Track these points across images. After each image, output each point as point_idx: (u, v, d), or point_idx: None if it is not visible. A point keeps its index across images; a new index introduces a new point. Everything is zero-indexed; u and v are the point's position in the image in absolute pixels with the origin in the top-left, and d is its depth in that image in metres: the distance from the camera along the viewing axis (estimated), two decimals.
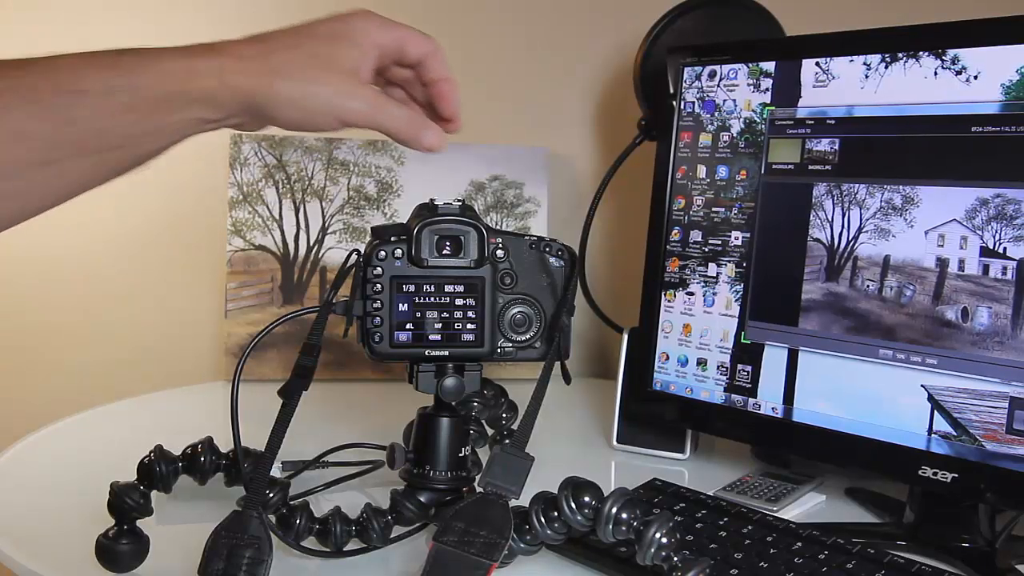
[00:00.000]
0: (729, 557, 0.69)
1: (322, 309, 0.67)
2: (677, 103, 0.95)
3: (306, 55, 0.58)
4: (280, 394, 0.65)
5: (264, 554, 0.61)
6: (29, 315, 1.46)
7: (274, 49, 0.58)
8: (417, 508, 0.71)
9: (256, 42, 0.59)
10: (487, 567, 0.58)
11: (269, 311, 1.28)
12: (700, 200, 0.93)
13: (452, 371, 0.71)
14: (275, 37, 0.59)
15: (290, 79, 0.57)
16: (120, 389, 1.23)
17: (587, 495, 0.61)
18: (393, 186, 1.31)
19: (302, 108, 0.58)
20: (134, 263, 1.42)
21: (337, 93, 0.59)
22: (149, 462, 0.72)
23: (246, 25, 0.62)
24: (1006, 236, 0.73)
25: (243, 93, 0.57)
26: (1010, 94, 0.73)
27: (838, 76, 0.83)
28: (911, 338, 0.77)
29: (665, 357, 0.95)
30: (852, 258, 0.82)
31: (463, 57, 1.39)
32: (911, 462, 0.77)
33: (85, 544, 0.70)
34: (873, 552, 0.70)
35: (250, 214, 1.29)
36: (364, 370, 1.28)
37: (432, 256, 0.69)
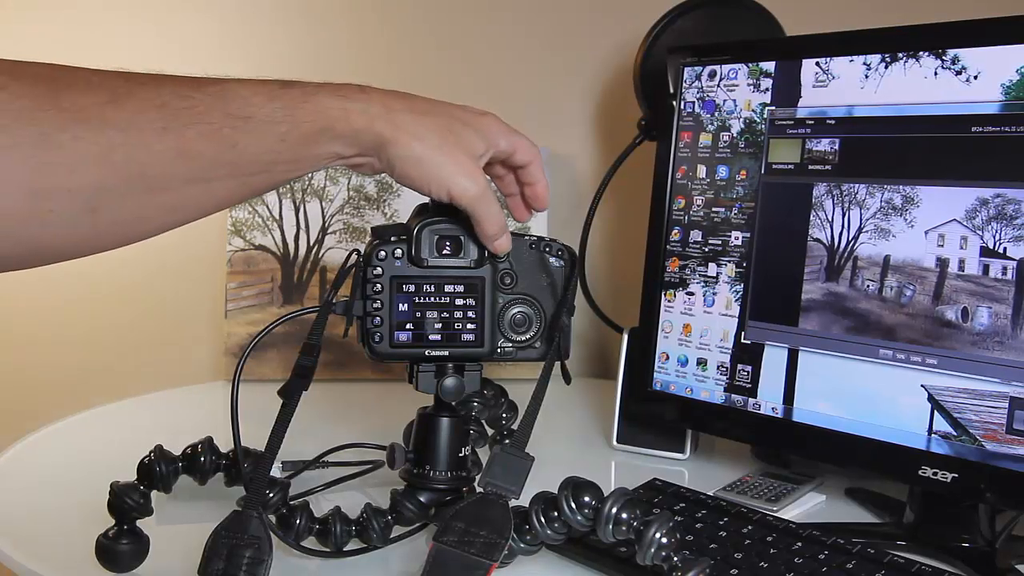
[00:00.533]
0: (729, 557, 0.69)
1: (322, 309, 0.67)
2: (677, 103, 0.95)
3: (444, 127, 0.64)
4: (280, 394, 0.65)
5: (264, 554, 0.61)
6: (29, 315, 1.46)
7: (418, 110, 0.64)
8: (417, 508, 0.71)
9: (403, 97, 0.64)
10: (487, 567, 0.58)
11: (269, 311, 1.28)
12: (700, 200, 0.93)
13: (452, 371, 0.71)
14: (419, 99, 0.65)
15: (423, 141, 0.63)
16: (120, 389, 1.23)
17: (587, 495, 0.61)
18: (393, 186, 1.31)
19: (422, 169, 0.63)
20: (134, 263, 1.42)
21: (458, 169, 0.64)
22: (149, 462, 0.72)
23: (245, 25, 0.62)
24: (1006, 236, 0.73)
25: (382, 140, 0.62)
26: (1010, 94, 0.73)
27: (838, 76, 0.83)
28: (911, 338, 0.77)
29: (665, 357, 0.95)
30: (852, 258, 0.82)
31: (463, 57, 1.40)
32: (911, 462, 0.77)
33: (85, 544, 0.70)
34: (873, 552, 0.70)
35: (250, 214, 1.29)
36: (364, 370, 1.28)
37: (432, 256, 0.69)
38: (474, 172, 0.65)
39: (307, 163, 0.62)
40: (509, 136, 0.69)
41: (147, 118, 0.54)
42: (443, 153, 0.63)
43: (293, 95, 0.59)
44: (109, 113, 0.53)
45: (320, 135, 0.60)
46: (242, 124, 0.57)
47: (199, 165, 0.57)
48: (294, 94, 0.59)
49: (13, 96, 0.50)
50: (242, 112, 0.57)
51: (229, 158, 0.57)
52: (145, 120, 0.54)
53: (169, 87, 0.56)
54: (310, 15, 1.40)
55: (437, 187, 0.64)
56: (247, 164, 0.59)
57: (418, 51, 1.38)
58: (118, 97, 0.53)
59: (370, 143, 0.62)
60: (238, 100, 0.57)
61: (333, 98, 0.60)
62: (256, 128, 0.58)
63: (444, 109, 0.66)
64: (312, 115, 0.59)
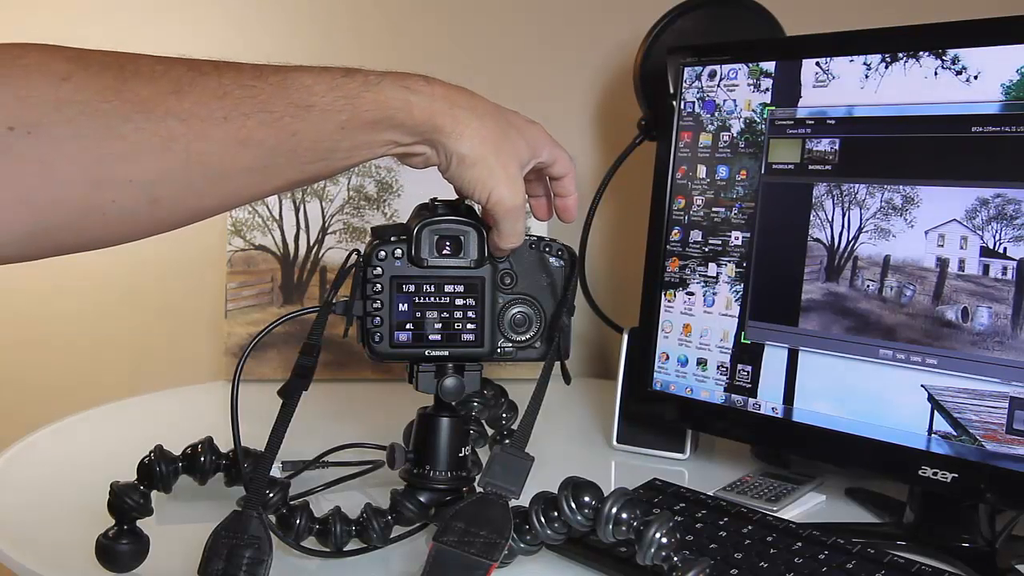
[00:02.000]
0: (729, 557, 0.69)
1: (322, 309, 0.67)
2: (677, 103, 0.95)
3: (501, 132, 0.65)
4: (280, 394, 0.65)
5: (264, 554, 0.61)
6: (29, 316, 1.46)
7: (481, 110, 0.64)
8: (417, 508, 0.71)
9: (466, 94, 0.64)
10: (487, 567, 0.58)
11: (269, 311, 1.28)
12: (700, 200, 0.93)
13: (452, 371, 0.71)
14: (480, 99, 0.65)
15: (483, 141, 0.63)
16: (120, 389, 1.23)
17: (587, 495, 0.61)
18: (393, 186, 1.31)
19: (475, 171, 0.64)
20: (134, 263, 1.42)
21: (506, 176, 0.64)
22: (149, 462, 0.72)
23: (244, 24, 0.62)
24: (1006, 236, 0.73)
25: (441, 133, 0.62)
26: (1010, 94, 0.73)
27: (838, 76, 0.83)
28: (911, 338, 0.77)
29: (665, 357, 0.95)
30: (852, 258, 0.82)
31: (463, 57, 1.40)
32: (911, 462, 0.77)
33: (85, 544, 0.70)
34: (873, 552, 0.70)
35: (250, 214, 1.29)
36: (364, 370, 1.28)
37: (432, 256, 0.69)
38: (518, 183, 0.65)
39: (365, 150, 0.61)
40: (552, 148, 0.70)
41: (209, 108, 0.54)
42: (497, 158, 0.64)
43: (355, 84, 0.59)
44: (172, 103, 0.53)
45: (381, 124, 0.60)
46: (303, 113, 0.57)
47: (259, 153, 0.57)
48: (356, 83, 0.59)
49: (78, 87, 0.50)
50: (304, 101, 0.57)
51: (289, 146, 0.57)
52: (207, 110, 0.54)
53: (231, 76, 0.55)
54: (309, 13, 1.40)
55: (481, 190, 0.64)
56: (306, 152, 0.58)
57: (418, 51, 1.38)
58: (181, 87, 0.53)
59: (430, 135, 0.62)
60: (300, 89, 0.57)
61: (396, 88, 0.60)
62: (317, 117, 0.58)
63: (501, 113, 0.66)
64: (373, 104, 0.59)
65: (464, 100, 0.63)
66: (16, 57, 0.50)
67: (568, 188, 0.73)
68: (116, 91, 0.52)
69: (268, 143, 0.56)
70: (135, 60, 0.53)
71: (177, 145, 0.53)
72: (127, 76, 0.52)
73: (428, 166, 0.65)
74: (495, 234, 0.68)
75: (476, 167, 0.63)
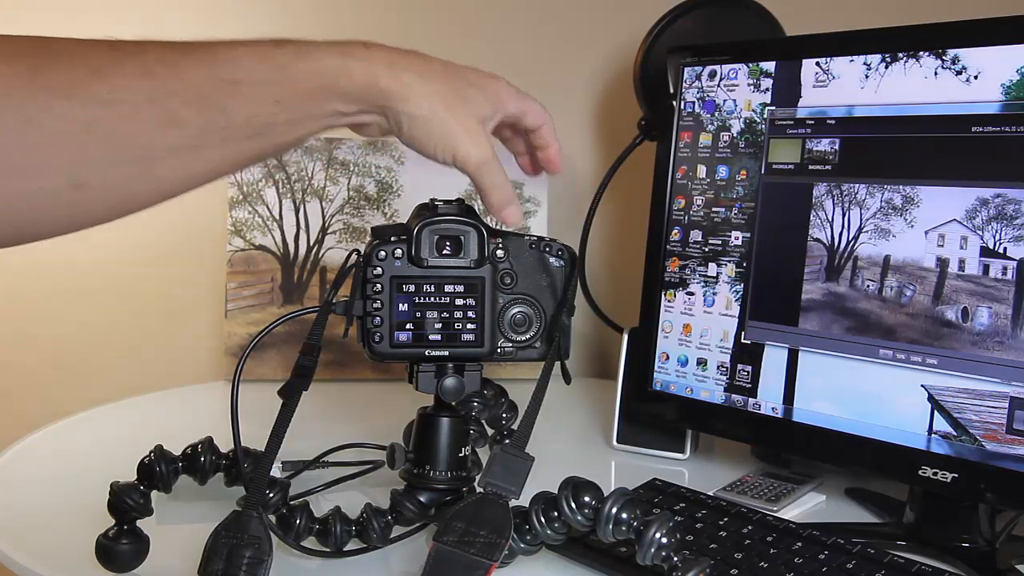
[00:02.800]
0: (729, 557, 0.69)
1: (322, 309, 0.67)
2: (677, 103, 0.95)
3: (451, 88, 0.62)
4: (280, 394, 0.65)
5: (264, 554, 0.61)
6: (29, 315, 1.46)
7: (425, 69, 0.62)
8: (417, 508, 0.71)
9: (409, 55, 0.62)
10: (487, 567, 0.58)
11: (269, 311, 1.28)
12: (700, 200, 0.93)
13: (452, 371, 0.71)
14: (426, 58, 0.63)
15: (431, 100, 0.61)
16: (120, 389, 1.23)
17: (587, 495, 0.61)
18: (393, 186, 1.31)
19: (428, 130, 0.62)
20: (134, 263, 1.42)
21: (465, 132, 0.63)
22: (149, 462, 0.72)
23: (243, 21, 0.62)
24: (1006, 236, 0.73)
25: (388, 96, 0.60)
26: (1010, 94, 0.73)
27: (838, 76, 0.83)
28: (911, 338, 0.77)
29: (665, 357, 0.95)
30: (852, 258, 0.82)
31: (463, 57, 1.39)
32: (911, 462, 0.77)
33: (85, 544, 0.70)
34: (873, 552, 0.70)
35: (250, 214, 1.29)
36: (364, 370, 1.28)
37: (432, 256, 0.69)
38: (480, 137, 0.63)
39: (307, 123, 0.59)
40: (519, 100, 0.68)
41: (132, 89, 0.52)
42: (451, 115, 0.62)
43: (286, 55, 0.57)
44: (92, 87, 0.51)
45: (318, 93, 0.58)
46: (232, 88, 0.55)
47: (188, 133, 0.55)
48: (287, 53, 0.57)
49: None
50: (231, 76, 0.55)
51: (220, 124, 0.55)
52: (129, 92, 0.52)
53: (154, 54, 0.54)
54: (307, 11, 1.40)
55: (443, 150, 0.63)
56: (240, 128, 0.56)
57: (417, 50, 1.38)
58: (101, 69, 0.52)
59: (375, 100, 0.60)
60: (227, 64, 0.55)
61: (332, 55, 0.58)
62: (247, 92, 0.55)
63: (453, 70, 0.64)
64: (308, 74, 0.57)
65: (407, 61, 0.61)
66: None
67: (546, 139, 0.70)
68: (31, 79, 0.50)
69: (196, 122, 0.54)
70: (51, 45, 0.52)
71: (100, 129, 0.52)
72: (42, 63, 0.51)
73: (384, 135, 0.64)
74: (482, 195, 0.66)
75: (430, 125, 0.61)
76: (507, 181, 0.66)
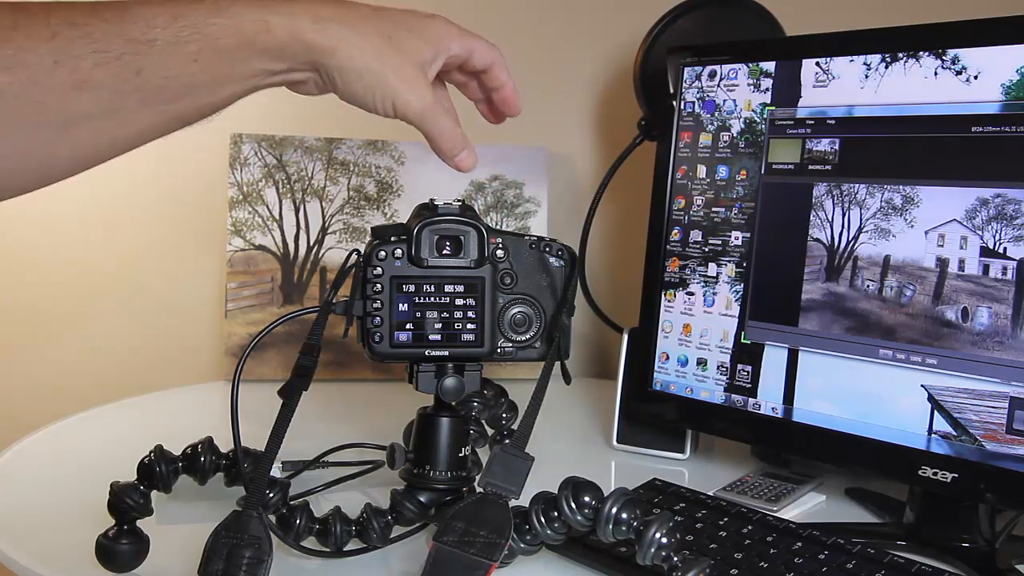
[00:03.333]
0: (729, 557, 0.69)
1: (322, 309, 0.67)
2: (677, 103, 0.95)
3: (383, 36, 0.59)
4: (280, 394, 0.65)
5: (264, 554, 0.61)
6: (29, 315, 1.46)
7: (354, 19, 0.59)
8: (417, 508, 0.71)
9: (335, 5, 0.59)
10: (487, 567, 0.58)
11: (269, 311, 1.28)
12: (700, 200, 0.93)
13: (452, 371, 0.71)
14: (354, 5, 0.60)
15: (362, 51, 0.59)
16: (120, 389, 1.23)
17: (587, 495, 0.61)
18: (393, 186, 1.31)
19: (363, 83, 0.59)
20: (134, 263, 1.42)
21: (402, 81, 0.60)
22: (149, 462, 0.72)
23: None
24: (1006, 236, 0.73)
25: (315, 51, 0.58)
26: (1010, 94, 0.73)
27: (838, 76, 0.83)
28: (911, 338, 0.77)
29: (665, 357, 0.95)
30: (852, 258, 0.82)
31: None
32: (911, 462, 0.77)
33: (85, 544, 0.70)
34: (873, 552, 0.70)
35: (250, 214, 1.29)
36: (364, 370, 1.28)
37: (432, 256, 0.69)
38: (420, 84, 0.61)
39: (232, 83, 0.57)
40: (462, 39, 0.65)
41: (37, 53, 0.50)
42: (385, 65, 0.59)
43: (202, 10, 0.54)
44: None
45: (239, 50, 0.56)
46: (145, 48, 0.52)
47: (102, 96, 0.53)
48: (202, 9, 0.54)
49: None
50: (143, 35, 0.52)
51: (135, 85, 0.53)
52: (34, 56, 0.50)
53: (61, 16, 0.51)
54: None
55: (382, 102, 0.60)
56: (158, 90, 0.54)
57: None
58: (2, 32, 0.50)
59: (303, 56, 0.58)
60: (138, 22, 0.53)
61: (250, 9, 0.55)
62: (161, 51, 0.53)
63: (385, 15, 0.61)
64: (226, 31, 0.55)
65: (332, 11, 0.58)
66: None
67: (499, 78, 0.67)
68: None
69: (109, 84, 0.52)
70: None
71: (7, 95, 0.50)
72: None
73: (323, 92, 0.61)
74: (431, 143, 0.64)
75: (364, 78, 0.59)
76: (456, 126, 0.64)
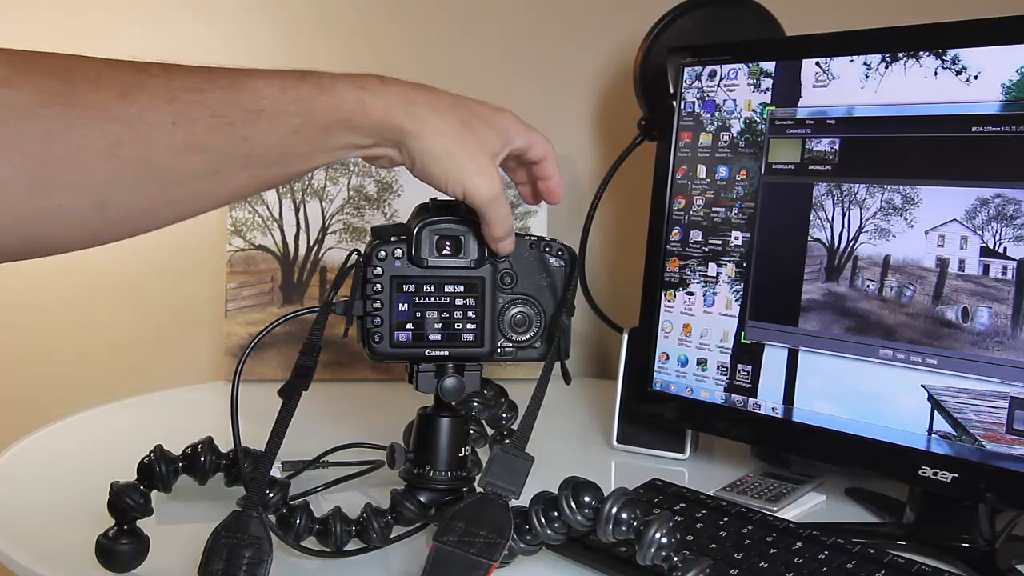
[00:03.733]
0: (729, 557, 0.69)
1: (322, 309, 0.67)
2: (677, 103, 0.95)
3: (464, 124, 0.64)
4: (280, 394, 0.65)
5: (264, 554, 0.61)
6: (29, 315, 1.46)
7: (439, 104, 0.63)
8: (417, 508, 0.71)
9: (424, 91, 0.63)
10: (487, 567, 0.58)
11: (269, 311, 1.28)
12: (700, 200, 0.93)
13: (452, 371, 0.71)
14: (440, 93, 0.64)
15: (443, 135, 0.63)
16: (120, 389, 1.23)
17: (587, 495, 0.61)
18: (393, 186, 1.31)
19: (442, 166, 0.63)
20: (134, 263, 1.42)
21: (476, 168, 0.64)
22: (149, 462, 0.72)
23: (243, 26, 0.62)
24: (1006, 236, 0.73)
25: (401, 133, 0.62)
26: (1010, 94, 0.73)
27: (838, 76, 0.83)
28: (911, 338, 0.77)
29: (665, 357, 0.95)
30: (852, 258, 0.82)
31: (463, 57, 1.40)
32: (911, 462, 0.77)
33: (85, 544, 0.70)
34: (873, 552, 0.70)
35: (250, 214, 1.29)
36: (364, 370, 1.28)
37: (432, 256, 0.69)
38: (491, 172, 0.65)
39: (322, 155, 0.61)
40: (525, 134, 0.69)
41: (156, 113, 0.53)
42: (463, 151, 0.63)
43: (308, 87, 0.59)
44: (118, 109, 0.52)
45: (335, 126, 0.60)
46: (254, 117, 0.56)
47: (209, 158, 0.56)
48: (309, 86, 0.59)
49: (18, 92, 0.50)
50: (254, 105, 0.56)
51: (241, 151, 0.57)
52: (154, 115, 0.53)
53: (180, 79, 0.55)
54: (308, 9, 1.40)
55: (454, 185, 0.64)
56: (259, 157, 0.58)
57: (417, 51, 1.38)
58: (127, 91, 0.53)
59: (389, 135, 0.62)
60: (250, 92, 0.56)
61: (351, 89, 0.60)
62: (269, 121, 0.57)
63: (464, 105, 0.65)
64: (328, 107, 0.59)
65: (421, 97, 0.63)
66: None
67: (548, 170, 0.72)
68: (60, 96, 0.51)
69: (218, 148, 0.56)
70: (82, 64, 0.53)
71: (123, 151, 0.53)
72: (72, 80, 0.52)
73: (395, 166, 0.65)
74: (485, 226, 0.68)
75: (442, 162, 0.63)
76: (510, 215, 0.68)
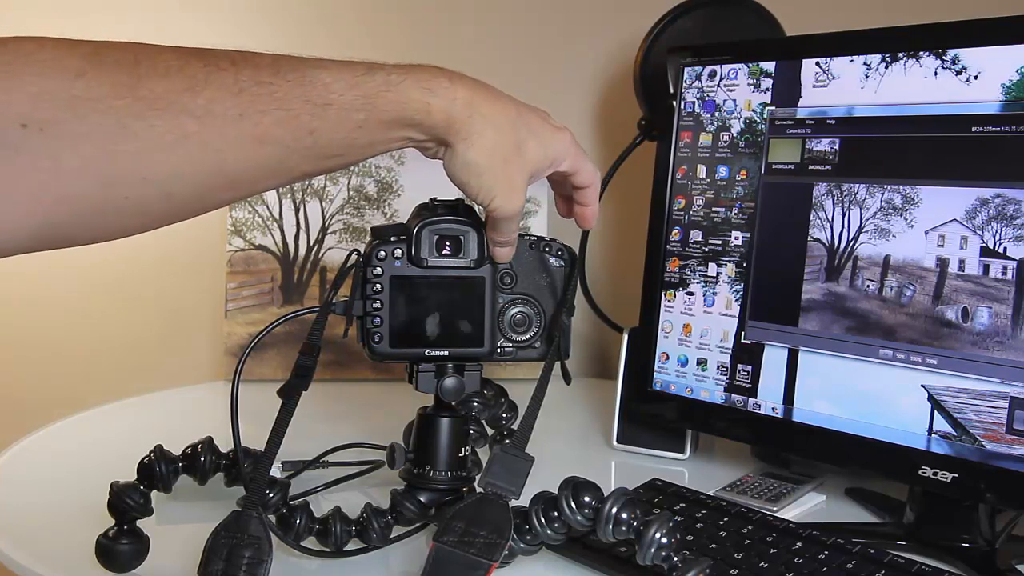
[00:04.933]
0: (729, 557, 0.69)
1: (322, 309, 0.67)
2: (677, 103, 0.95)
3: (515, 145, 0.64)
4: (280, 394, 0.65)
5: (264, 554, 0.61)
6: (29, 315, 1.46)
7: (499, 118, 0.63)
8: (417, 508, 0.71)
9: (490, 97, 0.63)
10: (487, 567, 0.58)
11: (269, 311, 1.28)
12: (700, 200, 0.93)
13: (452, 371, 0.71)
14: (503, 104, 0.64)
15: (491, 152, 0.63)
16: (120, 389, 1.23)
17: (587, 495, 0.61)
18: (393, 186, 1.31)
19: (479, 179, 0.63)
20: (134, 263, 1.42)
21: (509, 188, 0.64)
22: (149, 462, 0.72)
23: (242, 26, 0.62)
24: (1006, 236, 0.73)
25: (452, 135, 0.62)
26: (1010, 94, 0.73)
27: (838, 76, 0.83)
28: (911, 338, 0.77)
29: (665, 357, 0.95)
30: (852, 258, 0.82)
31: (463, 57, 1.39)
32: (911, 462, 0.77)
33: (85, 544, 0.70)
34: (873, 552, 0.70)
35: (250, 214, 1.29)
36: (364, 370, 1.28)
37: (432, 256, 0.69)
38: (519, 194, 0.65)
39: (380, 146, 0.61)
40: (574, 159, 0.69)
41: (224, 106, 0.53)
42: (503, 171, 0.63)
43: (376, 83, 0.58)
44: (186, 100, 0.52)
45: (398, 123, 0.60)
46: (321, 111, 0.56)
47: (275, 151, 0.56)
48: (377, 82, 0.58)
49: (92, 84, 0.50)
50: (322, 99, 0.56)
51: (305, 144, 0.57)
52: (222, 108, 0.53)
53: (248, 72, 0.55)
54: (308, 9, 1.40)
55: (484, 197, 0.64)
56: (323, 148, 0.58)
57: (417, 50, 1.38)
58: (196, 83, 0.53)
59: (442, 135, 0.62)
60: (318, 87, 0.56)
61: (417, 89, 0.60)
62: (335, 115, 0.57)
63: (524, 120, 0.65)
64: (393, 105, 0.59)
65: (486, 106, 0.62)
66: (30, 52, 0.50)
67: (589, 198, 0.72)
68: (130, 88, 0.51)
69: (284, 141, 0.56)
70: (150, 55, 0.53)
71: (191, 143, 0.53)
72: (142, 72, 0.52)
73: (437, 159, 0.65)
74: (490, 230, 0.68)
75: (482, 176, 0.63)
76: (517, 231, 0.69)
